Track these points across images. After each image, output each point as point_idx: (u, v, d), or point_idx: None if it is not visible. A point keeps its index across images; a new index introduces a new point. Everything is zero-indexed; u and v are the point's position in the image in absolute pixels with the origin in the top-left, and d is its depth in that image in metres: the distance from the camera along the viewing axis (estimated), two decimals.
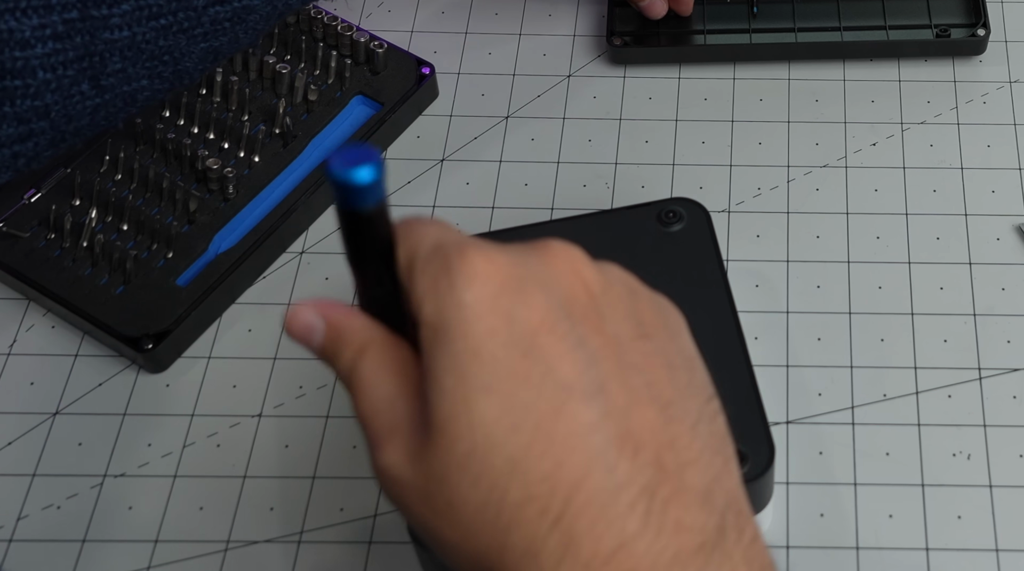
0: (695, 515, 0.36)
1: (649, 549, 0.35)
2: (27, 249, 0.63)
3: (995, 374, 0.61)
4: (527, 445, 0.35)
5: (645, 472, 0.35)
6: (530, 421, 0.35)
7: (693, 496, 0.36)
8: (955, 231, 0.66)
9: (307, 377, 0.61)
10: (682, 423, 0.37)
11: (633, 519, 0.35)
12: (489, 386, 0.35)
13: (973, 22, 0.72)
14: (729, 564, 0.36)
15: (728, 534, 0.36)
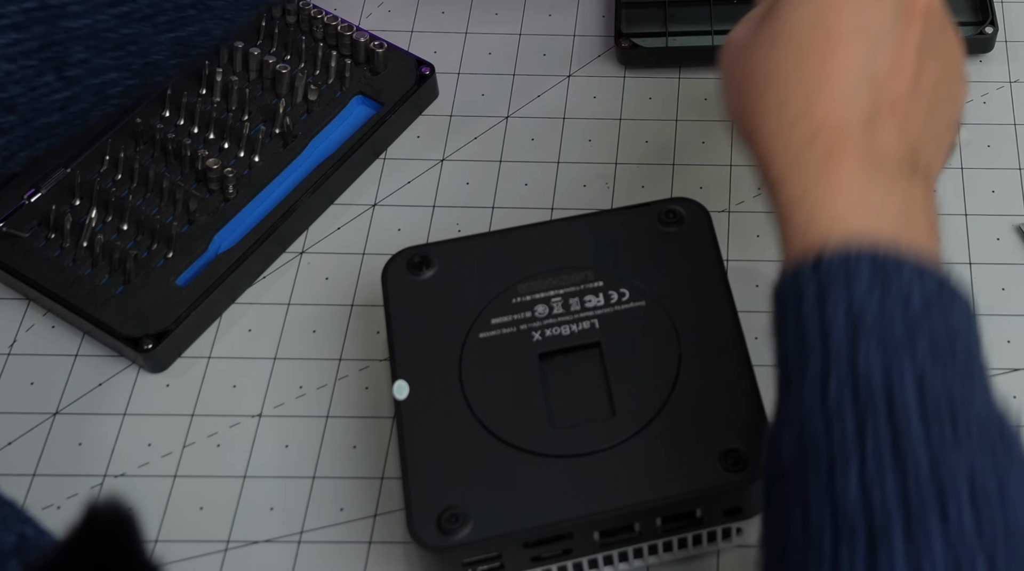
0: (898, 147, 0.48)
1: (859, 141, 0.48)
2: (27, 249, 0.63)
3: (995, 374, 0.60)
4: (814, 42, 0.49)
5: (876, 105, 0.49)
6: (826, 30, 0.49)
7: (902, 139, 0.49)
8: (955, 231, 0.66)
9: (307, 377, 0.61)
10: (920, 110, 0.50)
11: (856, 120, 0.48)
12: (818, 2, 0.50)
13: (980, 20, 0.72)
14: (911, 183, 0.48)
15: (917, 172, 0.49)
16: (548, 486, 0.51)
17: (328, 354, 0.61)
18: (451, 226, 0.65)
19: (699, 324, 0.56)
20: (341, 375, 0.61)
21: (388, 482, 0.57)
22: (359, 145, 0.67)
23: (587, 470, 0.51)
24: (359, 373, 0.61)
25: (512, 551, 0.51)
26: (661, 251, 0.58)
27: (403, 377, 0.54)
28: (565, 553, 0.52)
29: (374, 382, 0.60)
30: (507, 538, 0.50)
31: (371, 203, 0.67)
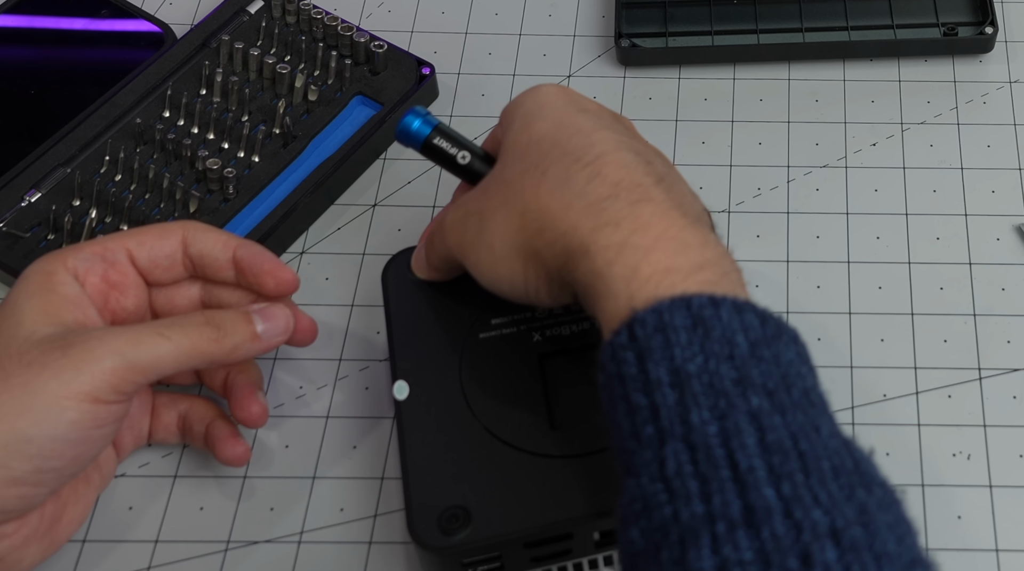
0: (690, 206, 0.48)
1: (661, 195, 0.47)
2: (27, 249, 0.63)
3: (995, 374, 0.61)
4: (571, 136, 0.49)
5: (656, 171, 0.48)
6: (575, 128, 0.50)
7: (689, 202, 0.49)
8: (955, 231, 0.66)
9: (307, 377, 0.61)
10: (679, 181, 0.51)
11: (649, 178, 0.48)
12: (547, 118, 0.50)
13: (980, 20, 0.72)
14: (714, 236, 0.47)
15: (703, 220, 0.48)
16: (548, 486, 0.51)
17: (328, 354, 0.61)
18: None
19: None
20: (341, 375, 0.61)
21: (388, 482, 0.57)
22: (359, 145, 0.67)
23: (587, 470, 0.51)
24: (359, 373, 0.61)
25: (512, 551, 0.51)
26: None
27: (403, 377, 0.54)
28: (565, 553, 0.52)
29: (374, 382, 0.60)
30: (507, 538, 0.50)
31: (371, 203, 0.67)
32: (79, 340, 0.48)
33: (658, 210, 0.46)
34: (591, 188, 0.47)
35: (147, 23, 0.73)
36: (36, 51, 0.73)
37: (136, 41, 0.72)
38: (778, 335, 0.44)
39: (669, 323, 0.43)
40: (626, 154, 0.48)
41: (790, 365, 0.43)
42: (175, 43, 0.71)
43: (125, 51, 0.72)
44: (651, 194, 0.47)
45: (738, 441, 0.40)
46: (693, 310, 0.43)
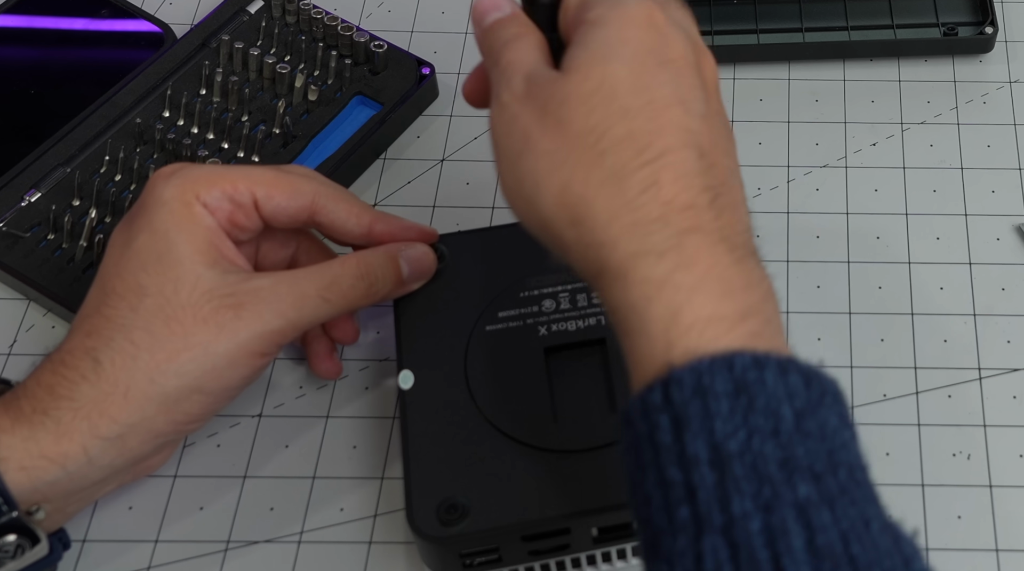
0: (740, 227, 0.43)
1: (712, 221, 0.42)
2: (27, 249, 0.63)
3: (995, 374, 0.60)
4: (641, 107, 0.43)
5: (715, 181, 0.43)
6: (647, 97, 0.43)
7: (738, 217, 0.44)
8: (955, 231, 0.66)
9: (307, 377, 0.61)
10: (739, 191, 0.45)
11: (704, 197, 0.42)
12: (628, 60, 0.43)
13: (980, 20, 0.73)
14: (760, 269, 0.43)
15: (756, 255, 0.44)
16: (548, 480, 0.51)
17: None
18: (451, 226, 0.65)
19: None
20: (341, 375, 0.61)
21: (388, 482, 0.57)
22: (359, 145, 0.67)
23: (587, 466, 0.51)
24: (359, 373, 0.61)
25: (510, 544, 0.51)
26: None
27: (408, 367, 0.54)
28: (563, 548, 0.52)
29: (374, 382, 0.60)
30: (505, 531, 0.50)
31: (371, 203, 0.67)
32: (248, 300, 0.51)
33: (705, 242, 0.41)
34: (643, 200, 0.41)
35: (147, 23, 0.73)
36: (36, 51, 0.73)
37: (136, 41, 0.72)
38: (821, 397, 0.40)
39: (709, 388, 0.38)
40: (690, 155, 0.43)
41: (835, 435, 0.39)
42: (175, 43, 0.71)
43: (125, 51, 0.72)
44: (702, 221, 0.42)
45: (784, 543, 0.36)
46: (736, 373, 0.39)
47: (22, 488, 0.48)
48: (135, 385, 0.49)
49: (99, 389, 0.49)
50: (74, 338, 0.50)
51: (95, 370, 0.49)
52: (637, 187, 0.42)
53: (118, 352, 0.49)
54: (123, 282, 0.50)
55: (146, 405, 0.49)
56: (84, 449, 0.48)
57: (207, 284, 0.50)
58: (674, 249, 0.41)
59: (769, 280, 0.43)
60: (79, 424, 0.48)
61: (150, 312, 0.50)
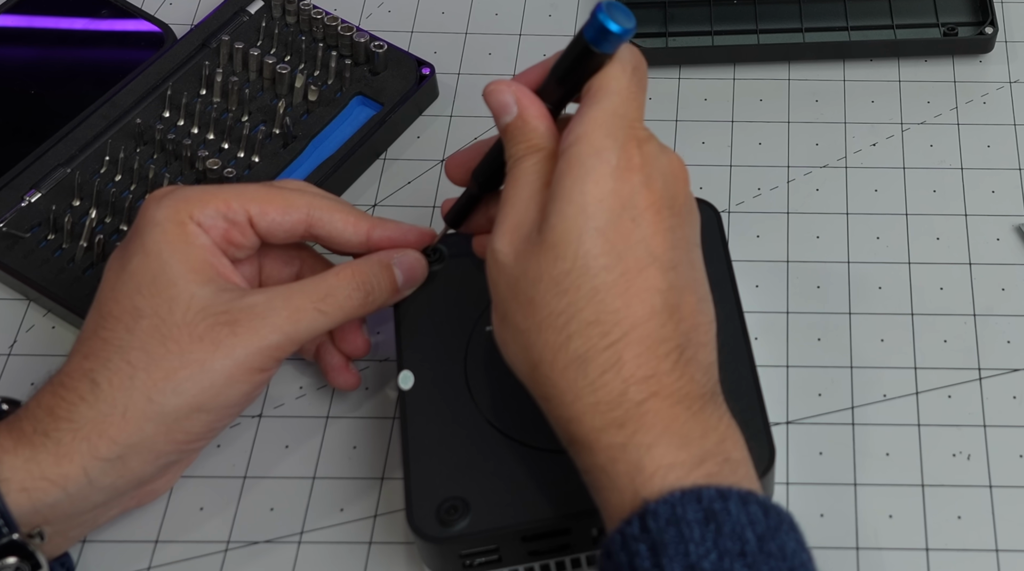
0: (702, 376, 0.47)
1: (672, 383, 0.45)
2: (27, 249, 0.63)
3: (995, 374, 0.60)
4: (611, 284, 0.45)
5: (680, 336, 0.46)
6: (620, 267, 0.45)
7: (702, 365, 0.47)
8: (955, 231, 0.66)
9: (307, 377, 0.61)
10: (706, 316, 0.48)
11: (666, 362, 0.45)
12: (602, 230, 0.45)
13: (980, 20, 0.73)
14: (718, 413, 0.47)
15: (717, 396, 0.47)
16: (548, 480, 0.51)
17: None
18: None
19: None
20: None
21: (388, 482, 0.57)
22: (359, 145, 0.67)
23: None
24: (359, 373, 0.61)
25: (510, 544, 0.51)
26: None
27: (408, 368, 0.54)
28: (563, 548, 0.52)
29: (374, 382, 0.60)
30: (505, 531, 0.50)
31: (371, 203, 0.67)
32: (244, 316, 0.51)
33: (664, 405, 0.45)
34: (605, 380, 0.45)
35: (147, 23, 0.73)
36: (36, 51, 0.73)
37: (136, 41, 0.72)
38: (779, 525, 0.44)
39: (682, 517, 0.42)
40: (655, 324, 0.45)
41: (794, 556, 0.44)
42: (175, 43, 0.71)
43: (125, 51, 0.72)
44: (662, 385, 0.45)
45: None
46: (704, 504, 0.43)
47: (23, 510, 0.48)
48: (133, 405, 0.49)
49: (97, 410, 0.49)
50: (73, 360, 0.50)
51: (93, 391, 0.49)
52: (599, 369, 0.45)
53: (115, 373, 0.49)
54: (119, 305, 0.51)
55: (145, 425, 0.49)
56: (84, 470, 0.49)
57: (201, 302, 0.50)
58: (634, 418, 0.45)
59: (728, 418, 0.47)
60: (79, 445, 0.48)
61: (146, 332, 0.50)
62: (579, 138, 0.47)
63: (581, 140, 0.46)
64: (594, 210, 0.45)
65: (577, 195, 0.45)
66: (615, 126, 0.47)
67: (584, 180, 0.46)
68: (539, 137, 0.48)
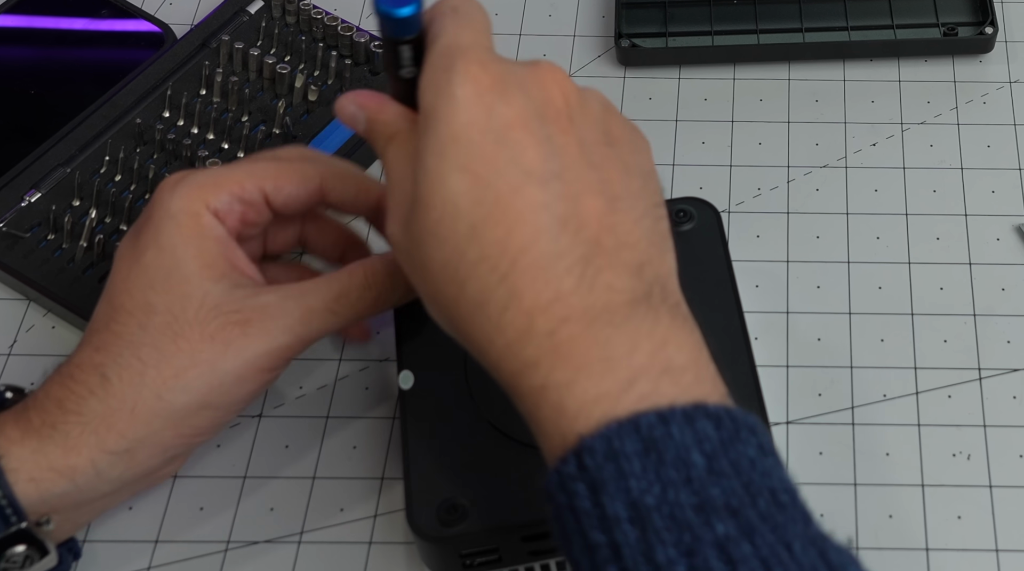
0: (627, 281, 0.43)
1: (582, 301, 0.42)
2: (27, 249, 0.63)
3: (995, 374, 0.60)
4: (486, 216, 0.42)
5: (583, 245, 0.42)
6: (491, 196, 0.42)
7: (624, 268, 0.43)
8: (955, 231, 0.66)
9: (307, 377, 0.61)
10: (626, 215, 0.44)
11: (569, 279, 0.42)
12: (463, 166, 0.43)
13: (980, 20, 0.73)
14: (653, 316, 0.43)
15: (653, 297, 0.43)
16: None
17: (328, 354, 0.61)
18: None
19: (706, 322, 0.56)
20: (341, 375, 0.61)
21: (388, 482, 0.57)
22: (359, 145, 0.67)
23: None
24: (359, 373, 0.61)
25: (510, 544, 0.51)
26: None
27: (408, 368, 0.54)
28: None
29: (374, 382, 0.60)
30: (505, 531, 0.50)
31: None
32: (256, 316, 0.50)
33: (578, 329, 0.41)
34: (507, 319, 0.42)
35: (147, 23, 0.73)
36: (36, 51, 0.73)
37: (136, 41, 0.72)
38: (734, 435, 0.41)
39: (620, 450, 0.39)
40: (546, 241, 0.42)
41: (752, 467, 0.40)
42: (175, 43, 0.71)
43: (125, 51, 0.72)
44: (570, 307, 0.42)
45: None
46: (643, 432, 0.40)
47: (31, 499, 0.48)
48: (142, 401, 0.49)
49: (107, 405, 0.49)
50: (83, 352, 0.50)
51: (103, 386, 0.49)
52: (498, 308, 0.42)
53: (126, 368, 0.49)
54: (132, 299, 0.50)
55: (153, 421, 0.49)
56: (92, 463, 0.49)
57: (214, 300, 0.50)
58: (547, 354, 0.42)
59: (670, 317, 0.43)
60: (87, 438, 0.49)
61: (158, 329, 0.50)
62: (423, 91, 0.44)
63: (425, 91, 0.44)
64: (451, 150, 0.43)
65: (433, 143, 0.43)
66: (448, 60, 0.44)
67: (436, 125, 0.43)
68: (391, 123, 0.47)
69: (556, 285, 0.42)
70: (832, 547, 0.40)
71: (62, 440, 0.48)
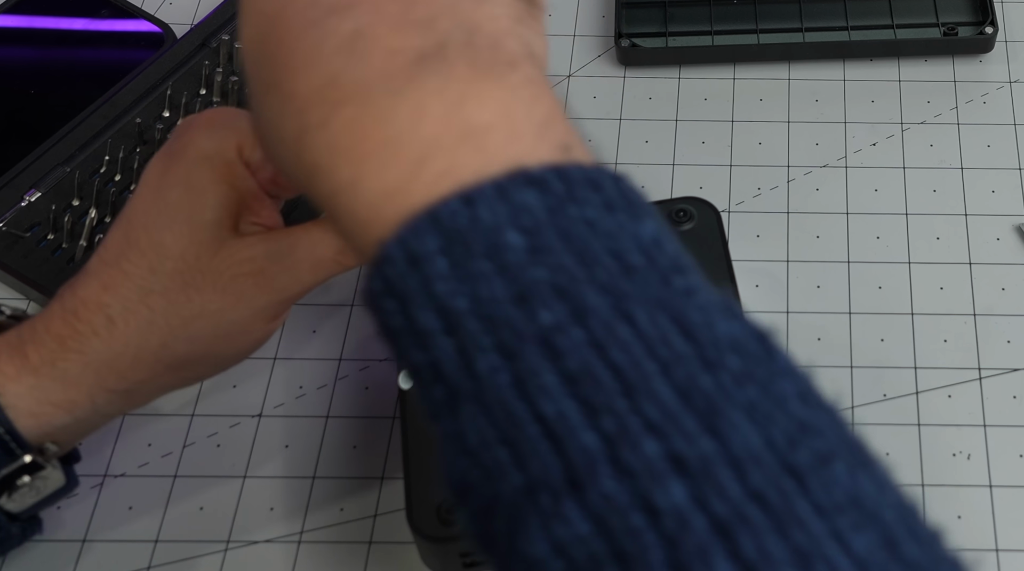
0: (410, 39, 0.35)
1: (354, 76, 0.35)
2: (27, 249, 0.63)
3: (995, 374, 0.60)
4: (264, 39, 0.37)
5: (352, 20, 0.35)
6: (268, 24, 0.37)
7: (411, 26, 0.35)
8: (955, 231, 0.66)
9: (307, 377, 0.61)
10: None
11: (339, 58, 0.35)
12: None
13: (980, 20, 0.73)
14: (446, 69, 0.34)
15: (450, 48, 0.35)
16: None
17: (328, 354, 0.61)
18: None
19: None
20: (341, 375, 0.61)
21: (388, 482, 0.57)
22: None
23: None
24: (359, 373, 0.61)
25: None
26: None
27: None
28: None
29: (374, 382, 0.60)
30: None
31: None
32: (268, 267, 0.49)
33: (352, 111, 0.35)
34: (287, 130, 0.37)
35: (147, 23, 0.73)
36: (36, 51, 0.73)
37: (136, 41, 0.72)
38: (568, 195, 0.33)
39: (420, 251, 0.33)
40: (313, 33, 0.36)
41: (591, 231, 0.33)
42: (175, 43, 0.71)
43: (125, 51, 0.72)
44: (341, 90, 0.35)
45: (535, 384, 0.31)
46: (445, 223, 0.32)
47: (32, 433, 0.48)
48: (147, 348, 0.48)
49: (110, 348, 0.48)
50: (90, 287, 0.49)
51: (108, 328, 0.48)
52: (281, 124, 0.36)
53: (133, 314, 0.48)
54: (148, 235, 0.49)
55: (156, 366, 0.49)
56: (91, 398, 0.48)
57: (230, 251, 0.49)
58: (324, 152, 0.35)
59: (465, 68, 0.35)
60: (87, 376, 0.48)
61: (169, 276, 0.48)
62: None
63: None
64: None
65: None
66: None
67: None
68: None
69: (325, 68, 0.35)
70: (695, 305, 0.32)
71: (61, 377, 0.48)
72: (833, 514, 0.29)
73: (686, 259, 0.34)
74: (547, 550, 0.30)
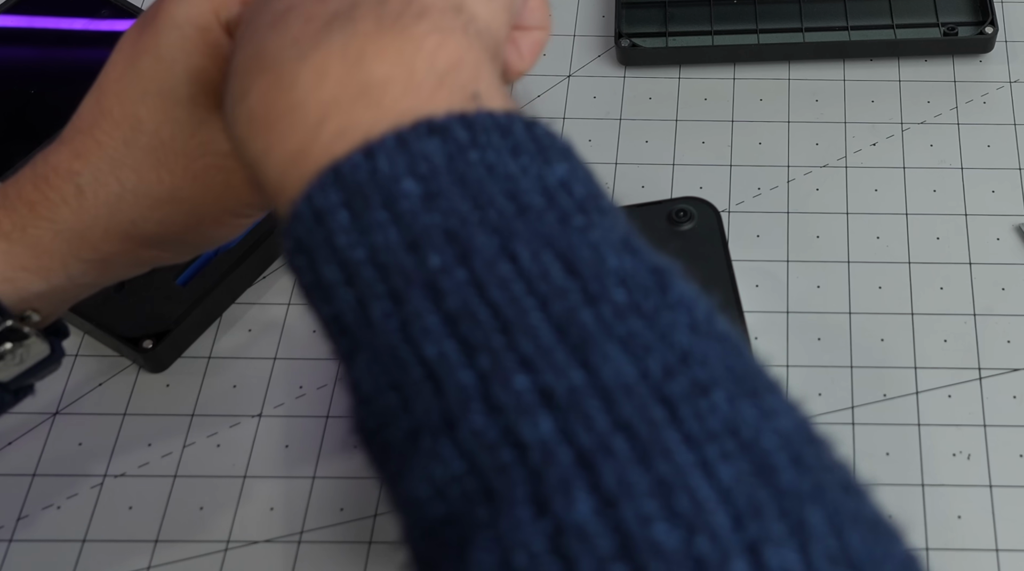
0: (324, 6, 0.36)
1: (270, 47, 0.35)
2: None
3: (995, 374, 0.61)
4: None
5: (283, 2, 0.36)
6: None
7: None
8: (955, 231, 0.66)
9: (307, 377, 0.61)
10: None
11: (267, 33, 0.36)
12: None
13: (980, 20, 0.73)
14: (350, 28, 0.35)
15: (359, 8, 0.35)
16: None
17: (328, 354, 0.61)
18: None
19: None
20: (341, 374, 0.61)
21: None
22: None
23: None
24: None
25: None
26: (670, 249, 0.58)
27: None
28: None
29: None
30: None
31: None
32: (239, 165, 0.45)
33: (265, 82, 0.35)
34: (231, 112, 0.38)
35: None
36: (36, 51, 0.73)
37: None
38: (471, 141, 0.33)
39: (324, 206, 0.33)
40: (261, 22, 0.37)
41: (489, 175, 0.33)
42: None
43: None
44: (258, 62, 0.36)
45: (419, 326, 0.31)
46: (346, 178, 0.33)
47: (10, 299, 0.46)
48: (116, 224, 0.46)
49: (80, 219, 0.46)
50: (62, 153, 0.46)
51: (77, 198, 0.46)
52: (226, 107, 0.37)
53: (103, 186, 0.46)
54: (121, 107, 0.46)
55: (127, 241, 0.46)
56: (64, 267, 0.46)
57: (206, 133, 0.45)
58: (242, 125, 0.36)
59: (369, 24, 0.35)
60: (59, 245, 0.46)
61: (142, 151, 0.45)
62: None
63: None
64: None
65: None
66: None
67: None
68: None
69: (253, 42, 0.36)
70: (587, 242, 0.32)
71: (33, 243, 0.46)
72: (703, 443, 0.28)
73: (601, 202, 0.34)
74: (427, 491, 0.30)
